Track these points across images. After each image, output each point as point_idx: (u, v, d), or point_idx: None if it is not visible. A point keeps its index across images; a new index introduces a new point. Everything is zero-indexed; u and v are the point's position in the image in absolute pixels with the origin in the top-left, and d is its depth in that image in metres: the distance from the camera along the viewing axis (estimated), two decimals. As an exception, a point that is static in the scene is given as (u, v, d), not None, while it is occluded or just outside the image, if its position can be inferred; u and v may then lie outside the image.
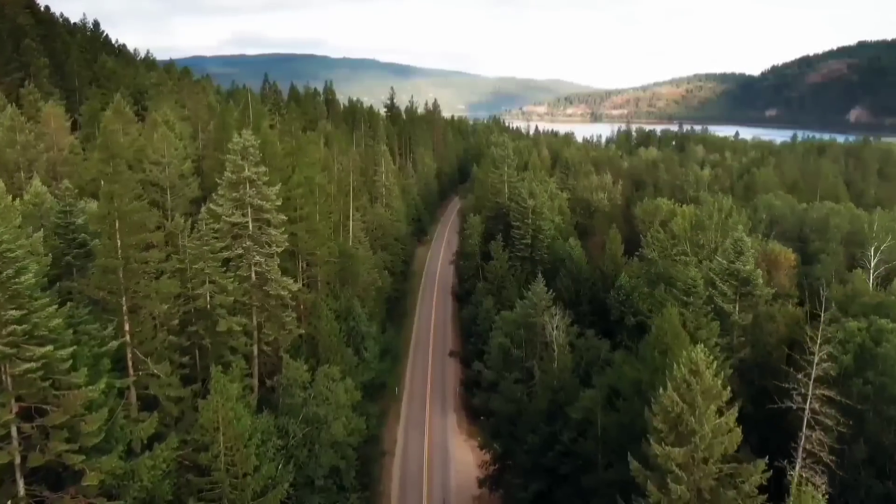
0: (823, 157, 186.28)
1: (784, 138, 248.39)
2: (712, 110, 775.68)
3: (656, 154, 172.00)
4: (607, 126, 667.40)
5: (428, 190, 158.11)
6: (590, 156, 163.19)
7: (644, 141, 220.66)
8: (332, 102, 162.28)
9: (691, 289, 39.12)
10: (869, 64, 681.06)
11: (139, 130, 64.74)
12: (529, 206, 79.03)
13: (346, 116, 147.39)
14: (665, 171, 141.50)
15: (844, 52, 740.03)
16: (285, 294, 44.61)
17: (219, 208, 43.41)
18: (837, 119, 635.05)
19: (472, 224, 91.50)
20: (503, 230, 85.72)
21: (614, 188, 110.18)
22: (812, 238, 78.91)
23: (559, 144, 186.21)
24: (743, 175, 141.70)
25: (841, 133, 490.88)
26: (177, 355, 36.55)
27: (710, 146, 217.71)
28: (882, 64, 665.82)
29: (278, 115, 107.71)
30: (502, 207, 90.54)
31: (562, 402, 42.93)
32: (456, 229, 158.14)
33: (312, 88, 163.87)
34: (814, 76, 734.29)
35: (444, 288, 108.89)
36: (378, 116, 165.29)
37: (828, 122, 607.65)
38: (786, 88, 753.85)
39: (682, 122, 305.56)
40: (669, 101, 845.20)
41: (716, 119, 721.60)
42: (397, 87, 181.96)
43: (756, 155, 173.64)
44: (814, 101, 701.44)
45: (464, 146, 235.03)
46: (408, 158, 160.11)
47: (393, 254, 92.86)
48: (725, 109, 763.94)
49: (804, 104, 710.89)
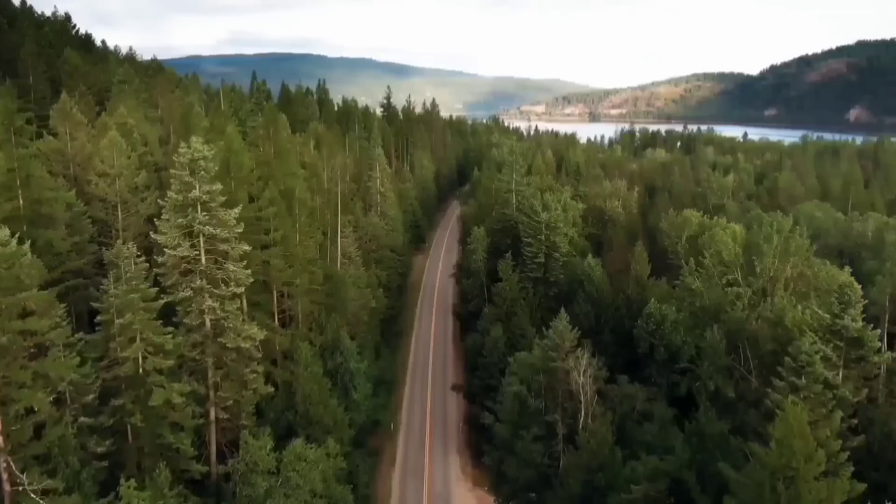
0: (837, 158, 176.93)
1: (787, 138, 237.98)
2: (711, 110, 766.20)
3: (665, 156, 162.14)
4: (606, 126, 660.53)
5: (426, 194, 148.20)
6: (597, 158, 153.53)
7: (649, 142, 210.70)
8: (325, 102, 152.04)
9: (804, 367, 28.21)
10: (868, 63, 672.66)
11: (89, 136, 54.55)
12: (543, 221, 68.95)
13: (339, 117, 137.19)
14: (679, 175, 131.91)
15: (843, 51, 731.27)
16: (248, 346, 34.59)
17: (162, 237, 33.49)
18: (837, 119, 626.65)
19: (476, 237, 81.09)
20: (511, 245, 75.67)
21: (629, 195, 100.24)
22: (861, 254, 69.12)
23: (562, 146, 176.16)
24: (762, 180, 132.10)
25: (841, 133, 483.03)
26: (92, 442, 26.69)
27: (718, 147, 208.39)
28: (882, 63, 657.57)
29: (261, 116, 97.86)
30: (510, 219, 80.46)
31: (600, 485, 33.17)
32: (456, 236, 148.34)
33: (304, 88, 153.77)
34: (813, 76, 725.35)
35: (443, 304, 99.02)
36: (374, 117, 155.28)
37: (827, 122, 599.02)
38: (785, 88, 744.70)
39: (686, 122, 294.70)
40: (668, 101, 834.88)
41: (715, 119, 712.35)
42: (394, 87, 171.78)
43: (772, 157, 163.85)
44: (813, 101, 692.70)
45: (463, 147, 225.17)
46: (405, 161, 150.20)
47: (388, 267, 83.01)
48: (724, 109, 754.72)
49: (803, 104, 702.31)
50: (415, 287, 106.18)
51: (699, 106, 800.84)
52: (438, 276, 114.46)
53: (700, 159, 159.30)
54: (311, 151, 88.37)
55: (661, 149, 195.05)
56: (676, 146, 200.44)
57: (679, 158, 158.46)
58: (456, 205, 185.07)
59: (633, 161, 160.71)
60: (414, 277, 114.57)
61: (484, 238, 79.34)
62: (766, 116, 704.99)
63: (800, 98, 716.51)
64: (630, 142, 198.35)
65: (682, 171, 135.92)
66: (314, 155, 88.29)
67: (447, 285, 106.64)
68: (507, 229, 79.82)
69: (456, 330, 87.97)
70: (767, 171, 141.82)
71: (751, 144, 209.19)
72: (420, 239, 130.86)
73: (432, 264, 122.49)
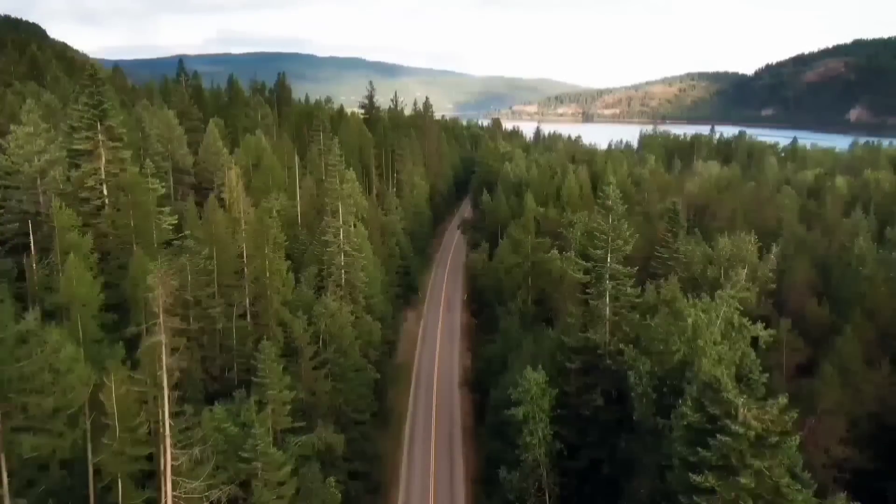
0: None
1: (785, 139, 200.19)
2: (707, 110, 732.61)
3: (721, 170, 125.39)
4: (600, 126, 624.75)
5: (419, 221, 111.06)
6: (637, 175, 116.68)
7: (682, 150, 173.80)
8: (287, 103, 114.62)
9: None
10: (868, 62, 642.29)
11: None
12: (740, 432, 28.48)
13: (301, 121, 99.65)
14: (753, 198, 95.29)
15: (840, 50, 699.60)
16: None
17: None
18: (837, 119, 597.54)
19: (524, 393, 35.30)
20: (598, 418, 36.52)
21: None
22: None
23: (588, 157, 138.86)
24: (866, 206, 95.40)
25: (842, 133, 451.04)
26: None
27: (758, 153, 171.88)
28: (881, 62, 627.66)
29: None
30: (598, 351, 41.11)
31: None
32: (458, 277, 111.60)
33: (261, 83, 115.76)
34: (810, 75, 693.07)
35: (451, 420, 62.09)
36: (351, 120, 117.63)
37: (827, 122, 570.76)
38: (782, 87, 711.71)
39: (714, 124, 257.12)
40: (662, 101, 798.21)
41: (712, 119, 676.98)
42: (384, 87, 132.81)
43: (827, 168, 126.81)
44: (811, 101, 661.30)
45: (460, 155, 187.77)
46: (390, 180, 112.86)
47: (353, 404, 45.90)
48: (720, 109, 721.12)
49: (801, 104, 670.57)
50: (402, 385, 68.53)
51: (694, 106, 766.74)
52: (437, 355, 77.35)
53: (764, 173, 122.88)
54: (235, 192, 51.34)
55: (700, 157, 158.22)
56: (714, 154, 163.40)
57: (735, 174, 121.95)
58: (455, 226, 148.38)
59: (682, 177, 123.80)
60: (402, 356, 77.46)
61: (540, 394, 34.84)
62: (764, 116, 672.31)
63: (797, 98, 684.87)
64: (659, 148, 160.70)
65: (757, 195, 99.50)
66: (236, 194, 51.34)
67: (452, 379, 69.76)
68: (591, 371, 39.62)
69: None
70: (861, 193, 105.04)
71: (799, 150, 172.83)
72: (411, 288, 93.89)
73: (428, 331, 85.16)
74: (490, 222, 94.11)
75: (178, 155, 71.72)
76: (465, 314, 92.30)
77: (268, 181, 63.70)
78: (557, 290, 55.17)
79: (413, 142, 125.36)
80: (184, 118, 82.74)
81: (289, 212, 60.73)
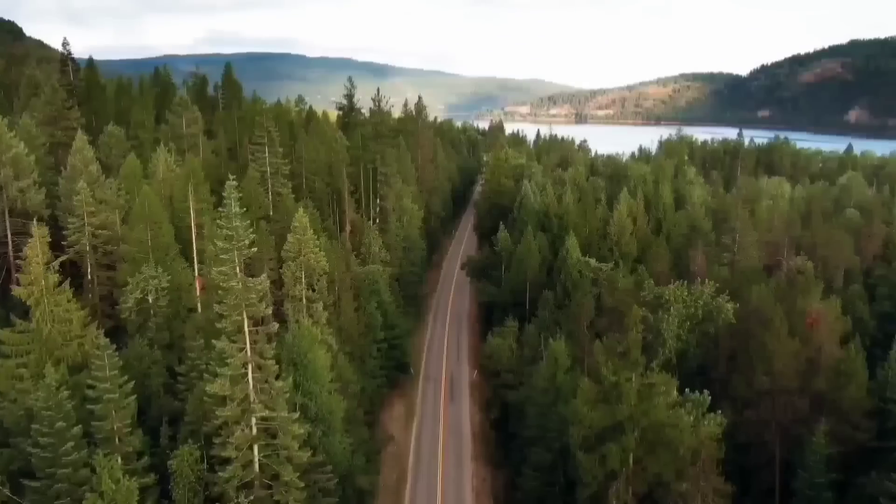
0: None
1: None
2: (702, 111, 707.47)
3: (795, 189, 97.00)
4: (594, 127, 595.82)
5: (409, 260, 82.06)
6: (692, 195, 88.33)
7: (715, 158, 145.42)
8: (237, 102, 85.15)
9: None
10: (865, 63, 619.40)
11: None
12: None
13: (244, 130, 69.97)
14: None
15: (836, 51, 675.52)
16: None
17: None
18: (835, 120, 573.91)
19: None
20: None
21: None
22: None
23: (613, 169, 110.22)
24: None
25: (841, 135, 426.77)
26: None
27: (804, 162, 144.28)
28: (879, 63, 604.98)
29: None
30: None
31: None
32: (461, 326, 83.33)
33: (199, 78, 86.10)
34: (807, 76, 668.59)
35: None
36: (320, 126, 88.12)
37: (825, 123, 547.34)
38: (777, 88, 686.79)
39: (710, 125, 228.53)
40: (657, 102, 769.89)
41: (707, 120, 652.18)
42: (375, 87, 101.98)
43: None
44: (808, 102, 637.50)
45: (458, 164, 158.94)
46: (370, 205, 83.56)
47: None
48: (715, 110, 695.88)
49: (798, 105, 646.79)
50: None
51: (689, 107, 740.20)
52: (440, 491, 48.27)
53: (849, 194, 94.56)
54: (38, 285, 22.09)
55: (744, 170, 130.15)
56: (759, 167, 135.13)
57: (817, 194, 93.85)
58: (455, 249, 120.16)
59: (737, 197, 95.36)
60: (385, 497, 48.41)
61: None
62: (760, 117, 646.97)
63: (794, 99, 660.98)
64: (700, 162, 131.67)
65: (869, 227, 71.56)
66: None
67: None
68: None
69: None
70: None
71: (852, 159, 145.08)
72: (399, 367, 64.89)
73: (424, 442, 55.87)
74: (514, 276, 64.49)
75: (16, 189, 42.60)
76: (475, 404, 63.50)
77: (143, 244, 34.63)
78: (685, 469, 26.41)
79: (402, 152, 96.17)
80: (56, 125, 53.60)
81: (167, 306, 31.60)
